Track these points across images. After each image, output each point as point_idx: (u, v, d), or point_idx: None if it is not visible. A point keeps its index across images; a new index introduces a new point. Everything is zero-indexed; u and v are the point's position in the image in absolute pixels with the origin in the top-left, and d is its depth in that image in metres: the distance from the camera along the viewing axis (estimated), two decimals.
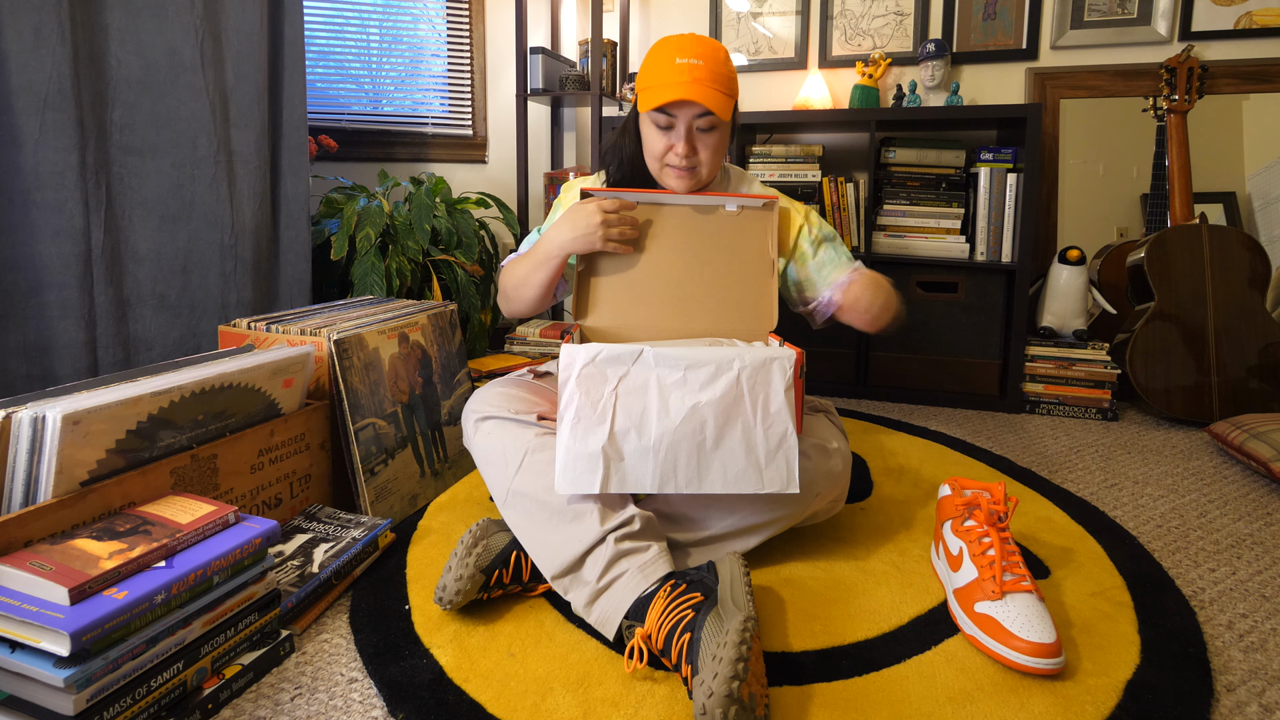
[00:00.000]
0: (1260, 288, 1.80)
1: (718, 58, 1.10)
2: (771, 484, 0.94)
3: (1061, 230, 2.19)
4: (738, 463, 0.93)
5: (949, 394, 2.02)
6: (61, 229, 1.40)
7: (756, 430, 0.93)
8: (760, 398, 0.93)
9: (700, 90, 1.07)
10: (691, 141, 1.12)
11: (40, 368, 1.43)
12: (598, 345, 0.95)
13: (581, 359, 0.94)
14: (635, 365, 0.94)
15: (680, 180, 1.15)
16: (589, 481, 0.92)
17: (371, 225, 1.82)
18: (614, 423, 0.93)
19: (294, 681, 0.82)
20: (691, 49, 1.10)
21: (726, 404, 0.93)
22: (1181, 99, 1.92)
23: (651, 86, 1.10)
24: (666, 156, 1.14)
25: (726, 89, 1.10)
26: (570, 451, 0.93)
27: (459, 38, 2.53)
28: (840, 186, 2.07)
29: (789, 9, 2.36)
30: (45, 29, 1.35)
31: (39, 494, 0.80)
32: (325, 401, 1.19)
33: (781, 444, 0.94)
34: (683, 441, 0.93)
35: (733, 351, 0.95)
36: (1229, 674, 0.85)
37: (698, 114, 1.10)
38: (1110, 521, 1.25)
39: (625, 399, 0.94)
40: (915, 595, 1.00)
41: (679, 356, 0.94)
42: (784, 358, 0.94)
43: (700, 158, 1.14)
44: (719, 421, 0.93)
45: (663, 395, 0.93)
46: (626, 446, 0.93)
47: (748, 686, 0.70)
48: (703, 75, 1.08)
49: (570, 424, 0.94)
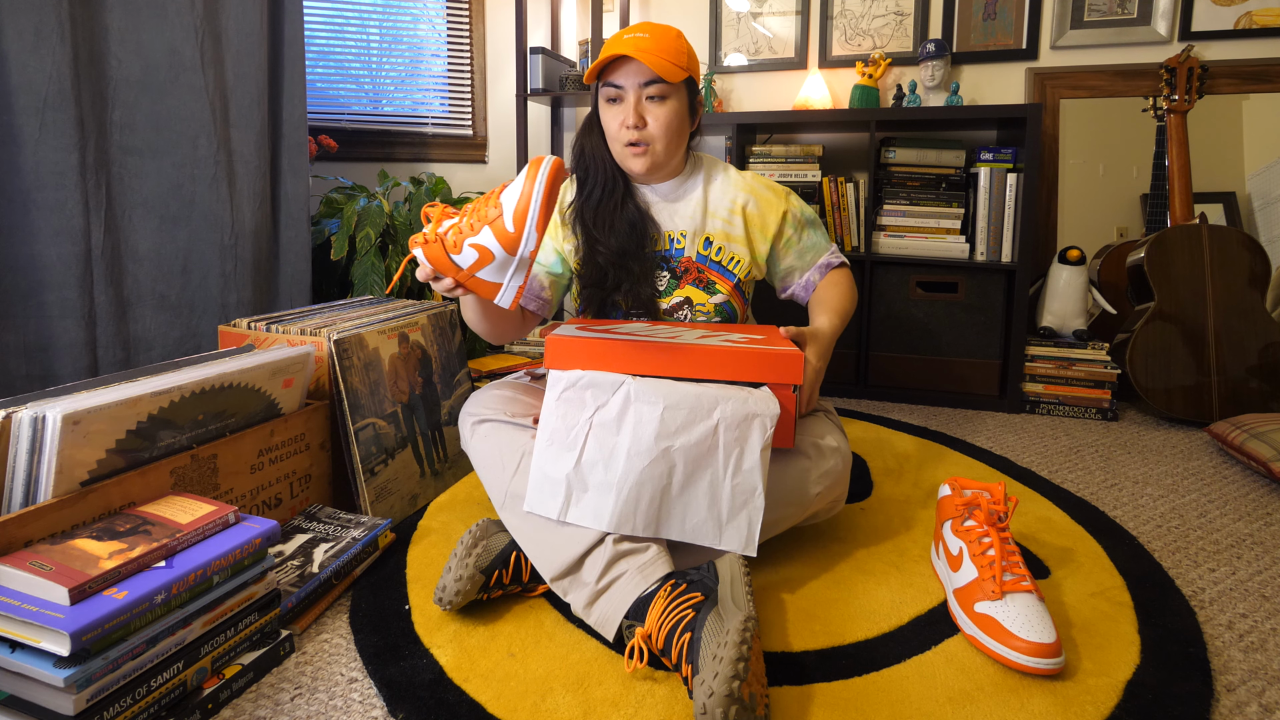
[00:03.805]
0: (1260, 288, 1.80)
1: (667, 34, 1.12)
2: (729, 542, 0.91)
3: (1061, 230, 2.19)
4: (699, 514, 0.91)
5: (949, 394, 2.02)
6: (61, 229, 1.40)
7: (725, 485, 0.91)
8: (735, 453, 0.91)
9: (642, 54, 1.07)
10: (640, 111, 1.11)
11: (40, 368, 1.43)
12: (581, 372, 0.95)
13: (565, 381, 0.94)
14: (615, 395, 0.93)
15: (637, 158, 1.14)
16: (550, 506, 0.92)
17: (371, 225, 1.82)
18: (583, 452, 0.92)
19: (294, 681, 0.82)
20: (640, 28, 1.12)
21: (700, 452, 0.90)
22: (1181, 99, 1.92)
23: (599, 61, 1.11)
24: (620, 133, 1.13)
25: (673, 58, 1.09)
26: (540, 471, 0.94)
27: (459, 38, 2.53)
28: (840, 186, 2.07)
29: (789, 9, 2.36)
30: (45, 29, 1.35)
31: (39, 494, 0.80)
32: (325, 401, 1.19)
33: (747, 504, 0.91)
34: (648, 483, 0.90)
35: (717, 397, 0.92)
36: (1229, 674, 0.85)
37: (643, 80, 1.10)
38: (1110, 521, 1.25)
39: (599, 430, 0.92)
40: (915, 595, 1.00)
41: (660, 393, 0.92)
42: (766, 415, 0.91)
43: (651, 130, 1.12)
44: (688, 469, 0.90)
45: (637, 432, 0.91)
46: (592, 478, 0.92)
47: (748, 686, 0.70)
48: (647, 45, 1.08)
49: (544, 443, 0.94)
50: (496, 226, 0.84)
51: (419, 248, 0.88)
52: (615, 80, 1.11)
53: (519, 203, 0.83)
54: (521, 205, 0.84)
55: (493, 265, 0.86)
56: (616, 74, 1.11)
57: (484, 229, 0.85)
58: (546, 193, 0.83)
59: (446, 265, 0.87)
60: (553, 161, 0.84)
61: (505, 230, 0.84)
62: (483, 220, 0.85)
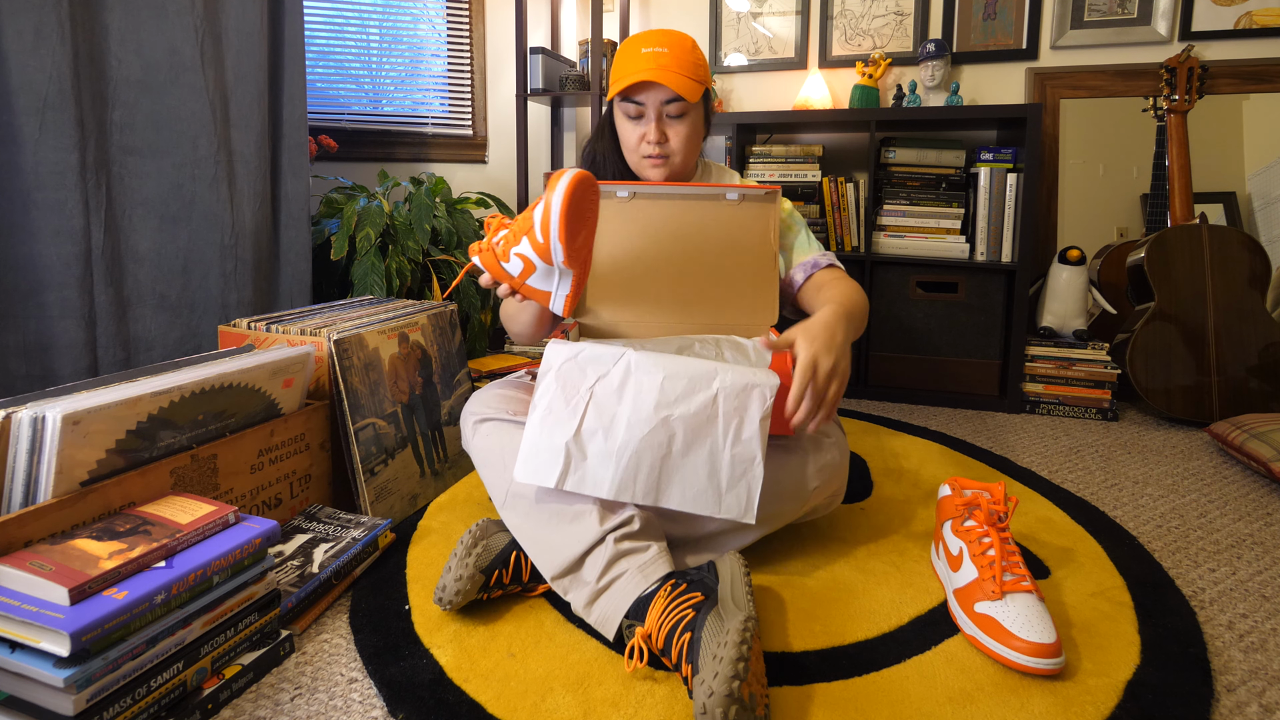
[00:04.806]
0: (1260, 288, 1.80)
1: (684, 45, 1.13)
2: (729, 510, 0.91)
3: (1061, 230, 2.19)
4: (698, 483, 0.91)
5: (949, 394, 2.02)
6: (61, 229, 1.40)
7: (724, 454, 0.91)
8: (734, 423, 0.91)
9: (665, 74, 1.10)
10: (661, 128, 1.15)
11: (40, 368, 1.43)
12: (581, 344, 0.95)
13: (564, 354, 0.95)
14: (615, 366, 0.93)
15: (656, 169, 1.18)
16: (548, 474, 0.92)
17: (371, 225, 1.82)
18: (583, 421, 0.92)
19: (294, 681, 0.82)
20: (657, 39, 1.14)
21: (699, 422, 0.91)
22: (1181, 99, 1.92)
23: (620, 78, 1.13)
24: (640, 146, 1.17)
25: (693, 74, 1.12)
26: (534, 443, 0.93)
27: (459, 38, 2.53)
28: (840, 186, 2.07)
29: (789, 9, 2.36)
30: (45, 29, 1.35)
31: (39, 494, 0.80)
32: (325, 401, 1.19)
33: (746, 473, 0.91)
34: (647, 451, 0.90)
35: (716, 369, 0.93)
36: (1229, 674, 0.85)
37: (665, 99, 1.13)
38: (1110, 521, 1.25)
39: (599, 399, 0.93)
40: (915, 595, 1.00)
41: (660, 364, 0.93)
42: (766, 385, 0.91)
43: (672, 145, 1.16)
44: (688, 438, 0.91)
45: (637, 401, 0.91)
46: (591, 447, 0.92)
47: (748, 686, 0.70)
48: (668, 61, 1.11)
49: (540, 415, 0.94)
50: (531, 237, 0.91)
51: (477, 255, 0.96)
52: (637, 98, 1.15)
53: (543, 214, 0.90)
54: (544, 216, 0.90)
55: (538, 274, 0.94)
56: (639, 92, 1.14)
57: (523, 239, 0.92)
58: (565, 203, 0.87)
59: (500, 273, 0.96)
60: (574, 174, 0.89)
61: (536, 240, 0.91)
62: (522, 231, 0.93)
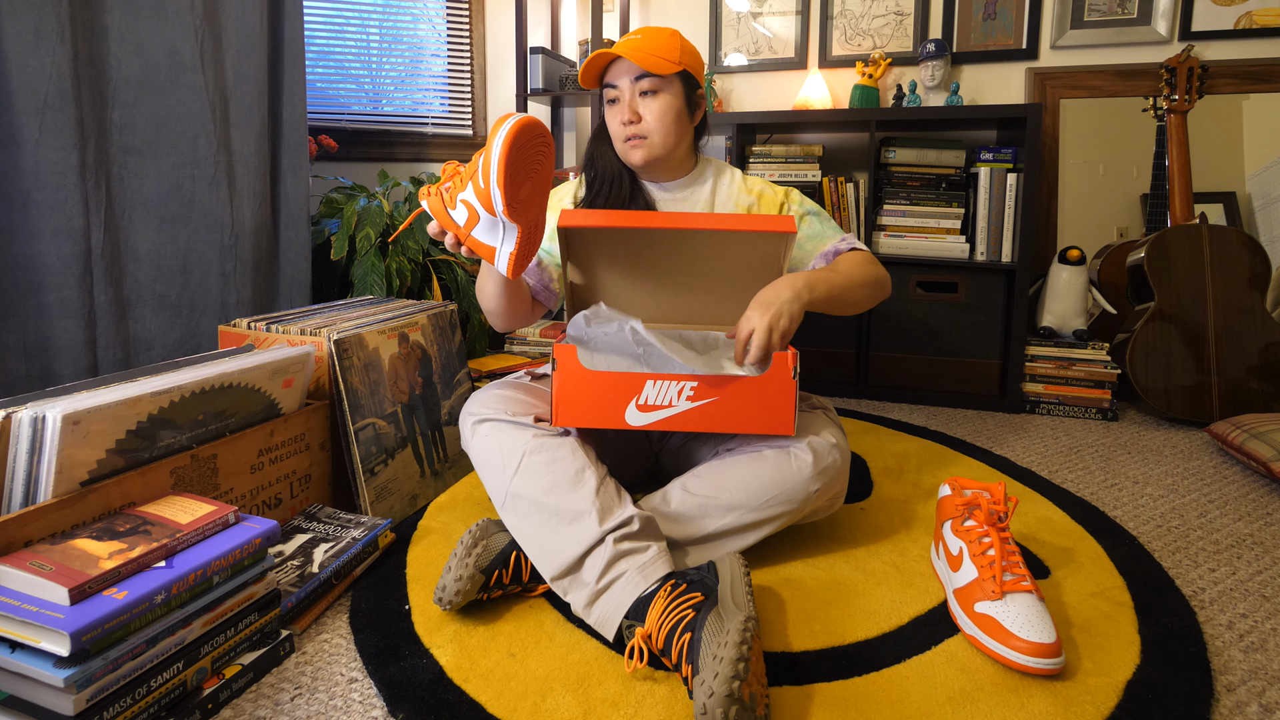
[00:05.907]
0: (1260, 288, 1.80)
1: (660, 33, 1.17)
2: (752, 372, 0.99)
3: (1061, 230, 2.19)
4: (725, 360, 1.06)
5: (949, 394, 2.02)
6: (61, 229, 1.40)
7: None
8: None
9: (632, 52, 1.12)
10: (634, 106, 1.17)
11: (40, 368, 1.43)
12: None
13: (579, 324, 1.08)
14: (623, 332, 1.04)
15: (635, 150, 1.19)
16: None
17: (371, 225, 1.82)
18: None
19: (294, 681, 0.82)
20: (636, 31, 1.18)
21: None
22: (1181, 99, 1.92)
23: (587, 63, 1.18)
24: (619, 130, 1.19)
25: (664, 53, 1.14)
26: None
27: (459, 38, 2.53)
28: (840, 186, 2.07)
29: (789, 9, 2.36)
30: (45, 29, 1.35)
31: (39, 494, 0.80)
32: (325, 401, 1.19)
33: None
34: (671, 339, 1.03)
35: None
36: (1229, 674, 0.85)
37: (635, 76, 1.15)
38: (1110, 521, 1.25)
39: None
40: (915, 595, 1.00)
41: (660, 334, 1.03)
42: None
43: (648, 123, 1.17)
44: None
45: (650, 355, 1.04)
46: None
47: (748, 686, 0.70)
48: (639, 43, 1.14)
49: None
50: (475, 183, 0.88)
51: (426, 200, 0.93)
52: (611, 80, 1.18)
53: (484, 160, 0.87)
54: (485, 162, 0.87)
55: (482, 225, 0.90)
56: (611, 74, 1.18)
57: (468, 185, 0.89)
58: (506, 148, 0.84)
59: (447, 220, 0.92)
60: (520, 118, 0.86)
61: (479, 186, 0.87)
62: (468, 177, 0.89)
